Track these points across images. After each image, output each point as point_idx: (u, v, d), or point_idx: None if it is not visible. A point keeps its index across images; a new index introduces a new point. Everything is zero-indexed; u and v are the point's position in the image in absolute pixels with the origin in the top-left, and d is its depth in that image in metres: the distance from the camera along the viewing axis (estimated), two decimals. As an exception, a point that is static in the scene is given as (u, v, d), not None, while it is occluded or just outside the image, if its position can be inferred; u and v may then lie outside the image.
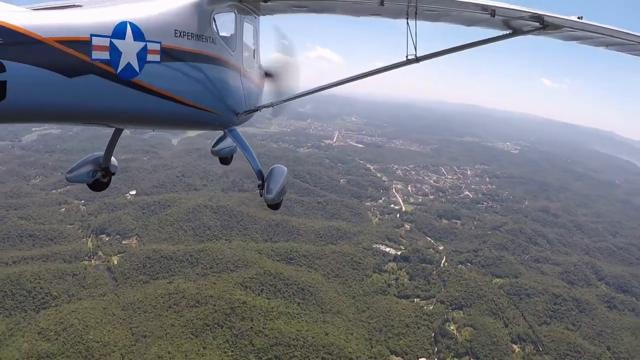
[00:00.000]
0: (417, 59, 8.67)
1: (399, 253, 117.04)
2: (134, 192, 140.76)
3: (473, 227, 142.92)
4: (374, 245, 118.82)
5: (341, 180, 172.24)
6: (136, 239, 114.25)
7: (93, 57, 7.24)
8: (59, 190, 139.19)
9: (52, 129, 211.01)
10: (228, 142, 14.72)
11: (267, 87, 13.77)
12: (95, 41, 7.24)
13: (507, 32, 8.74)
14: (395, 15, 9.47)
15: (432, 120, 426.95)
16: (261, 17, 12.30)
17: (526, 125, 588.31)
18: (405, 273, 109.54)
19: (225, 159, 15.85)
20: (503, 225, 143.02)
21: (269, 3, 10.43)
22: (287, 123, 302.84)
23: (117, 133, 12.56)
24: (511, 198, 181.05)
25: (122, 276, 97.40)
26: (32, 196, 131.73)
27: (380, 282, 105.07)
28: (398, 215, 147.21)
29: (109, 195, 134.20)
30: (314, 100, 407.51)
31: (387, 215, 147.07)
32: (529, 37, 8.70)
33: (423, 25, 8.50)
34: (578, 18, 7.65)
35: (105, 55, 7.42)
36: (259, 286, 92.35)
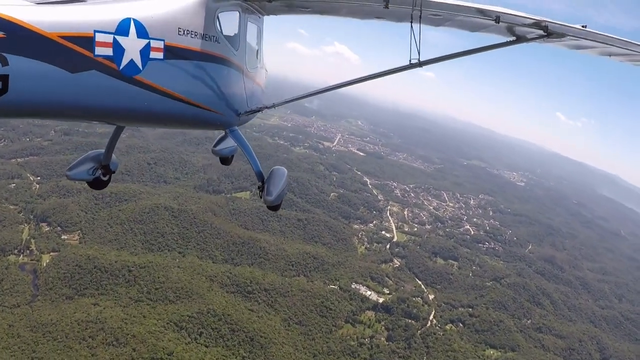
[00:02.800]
0: (420, 63, 8.48)
1: (380, 300, 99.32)
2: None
3: (471, 274, 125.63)
4: (353, 285, 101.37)
5: (332, 194, 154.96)
6: (78, 235, 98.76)
7: (96, 53, 7.08)
8: (19, 159, 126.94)
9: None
10: (229, 142, 14.22)
11: None
12: (99, 37, 7.10)
13: (511, 39, 8.64)
14: (399, 18, 9.32)
15: (441, 137, 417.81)
16: (265, 17, 12.19)
17: (534, 156, 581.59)
18: (383, 328, 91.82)
19: (225, 159, 15.38)
20: (505, 277, 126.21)
21: (273, 3, 10.58)
22: (289, 117, 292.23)
23: (118, 130, 12.25)
24: (515, 240, 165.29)
25: (45, 285, 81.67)
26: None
27: (352, 339, 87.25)
28: (388, 247, 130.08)
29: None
30: (322, 96, 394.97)
31: (375, 245, 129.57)
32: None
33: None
34: (582, 27, 7.66)
35: (109, 51, 7.26)
36: (199, 328, 74.77)
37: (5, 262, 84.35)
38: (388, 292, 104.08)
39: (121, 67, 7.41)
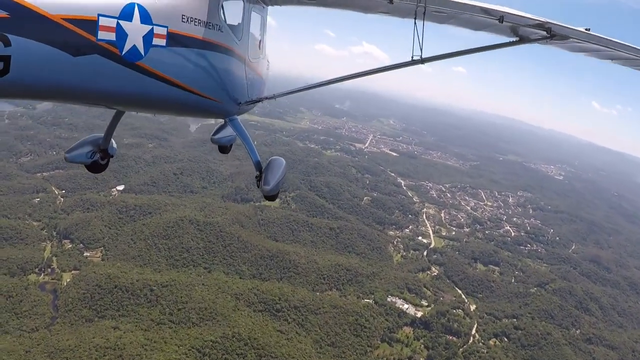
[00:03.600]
0: (422, 60, 8.59)
1: (418, 315, 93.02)
2: (121, 188, 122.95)
3: (513, 280, 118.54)
4: (389, 299, 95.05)
5: (365, 199, 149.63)
6: (100, 252, 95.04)
7: (99, 38, 7.05)
8: (44, 173, 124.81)
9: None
10: (228, 131, 14.76)
11: None
12: (102, 21, 7.05)
13: (514, 39, 8.64)
14: (403, 14, 9.32)
15: (473, 132, 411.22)
16: (269, 7, 12.17)
17: (570, 147, 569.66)
18: (423, 347, 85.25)
19: (224, 148, 15.83)
20: (550, 282, 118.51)
21: None
22: (319, 119, 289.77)
23: (119, 115, 12.27)
24: (557, 240, 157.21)
25: (65, 306, 77.55)
26: (11, 178, 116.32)
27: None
28: (425, 253, 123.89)
29: (94, 187, 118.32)
30: (353, 97, 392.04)
31: (412, 252, 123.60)
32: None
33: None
34: (586, 30, 7.63)
35: (112, 36, 7.22)
36: (222, 354, 69.08)
37: (25, 282, 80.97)
38: (426, 304, 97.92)
39: (123, 53, 7.29)
